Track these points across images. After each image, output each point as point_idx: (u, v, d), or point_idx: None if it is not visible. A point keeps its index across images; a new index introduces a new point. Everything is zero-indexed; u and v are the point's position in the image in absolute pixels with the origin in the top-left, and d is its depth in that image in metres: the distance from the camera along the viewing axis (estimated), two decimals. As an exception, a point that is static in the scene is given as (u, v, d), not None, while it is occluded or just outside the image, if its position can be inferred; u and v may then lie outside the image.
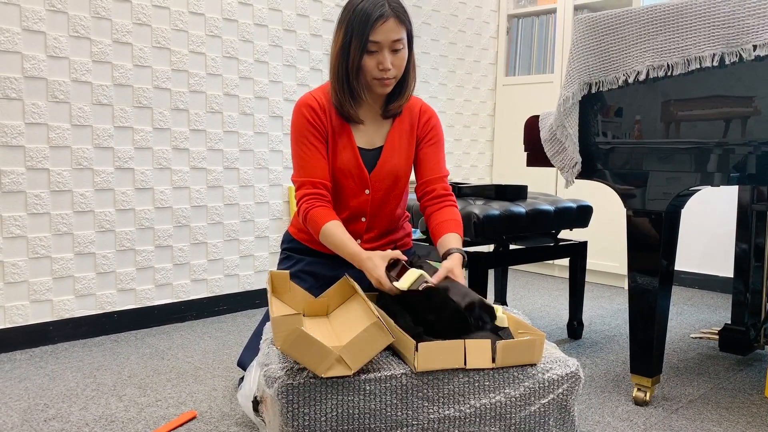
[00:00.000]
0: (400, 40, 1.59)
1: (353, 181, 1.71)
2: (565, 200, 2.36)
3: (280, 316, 1.18)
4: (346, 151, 1.69)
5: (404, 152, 1.76)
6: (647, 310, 1.76)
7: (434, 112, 1.81)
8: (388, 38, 1.57)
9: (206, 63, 2.57)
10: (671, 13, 1.64)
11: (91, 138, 2.30)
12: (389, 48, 1.59)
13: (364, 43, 1.57)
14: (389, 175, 1.74)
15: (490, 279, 3.35)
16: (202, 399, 1.80)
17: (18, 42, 2.12)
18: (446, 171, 1.81)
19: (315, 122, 1.67)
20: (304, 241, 1.82)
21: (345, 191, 1.73)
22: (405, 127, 1.76)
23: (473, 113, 3.75)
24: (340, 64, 1.62)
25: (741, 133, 1.56)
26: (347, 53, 1.60)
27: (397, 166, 1.74)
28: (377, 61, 1.60)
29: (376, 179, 1.73)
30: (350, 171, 1.70)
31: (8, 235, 2.15)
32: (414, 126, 1.77)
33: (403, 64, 1.64)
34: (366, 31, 1.56)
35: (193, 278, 2.61)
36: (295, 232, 1.84)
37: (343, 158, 1.69)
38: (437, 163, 1.79)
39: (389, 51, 1.59)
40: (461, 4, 3.62)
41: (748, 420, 1.71)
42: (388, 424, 1.22)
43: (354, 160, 1.69)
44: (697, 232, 3.32)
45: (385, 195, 1.76)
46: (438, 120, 1.81)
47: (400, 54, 1.61)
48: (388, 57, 1.59)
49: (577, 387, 1.31)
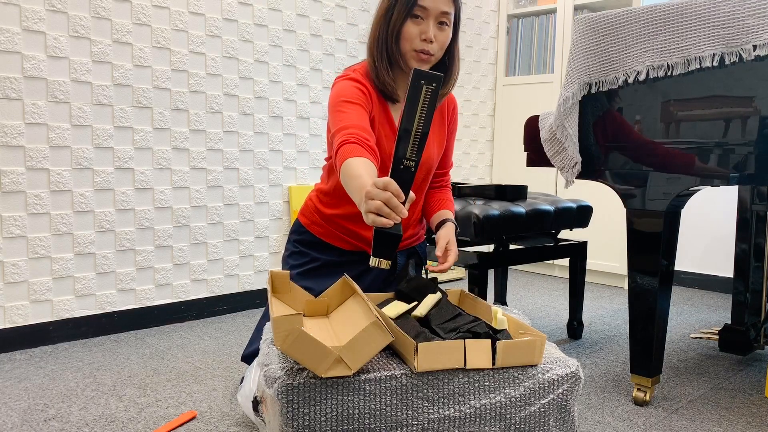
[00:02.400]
0: (448, 14, 1.53)
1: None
2: (565, 200, 2.36)
3: (280, 317, 1.18)
4: (388, 139, 1.62)
5: (437, 142, 1.71)
6: (647, 310, 1.76)
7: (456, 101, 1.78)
8: (438, 7, 1.51)
9: (206, 63, 2.57)
10: (671, 13, 1.64)
11: (91, 138, 2.30)
12: (435, 19, 1.53)
13: (411, 5, 1.51)
14: (425, 165, 1.68)
15: (490, 279, 3.35)
16: (202, 399, 1.80)
17: (18, 42, 2.12)
18: (451, 164, 1.82)
19: (363, 90, 1.57)
20: (319, 234, 1.74)
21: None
22: (438, 115, 1.71)
23: (473, 113, 3.75)
24: (381, 28, 1.55)
25: (741, 133, 1.56)
26: (390, 15, 1.53)
27: (432, 156, 1.69)
28: (420, 29, 1.53)
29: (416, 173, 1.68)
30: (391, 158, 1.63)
31: (8, 235, 2.15)
32: (445, 115, 1.73)
33: (446, 43, 1.56)
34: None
35: (193, 278, 2.61)
36: (308, 223, 1.76)
37: (385, 145, 1.61)
38: (447, 158, 1.80)
39: (435, 22, 1.53)
40: (461, 4, 3.62)
41: (748, 420, 1.71)
42: (388, 424, 1.22)
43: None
44: (697, 232, 3.32)
45: (419, 186, 1.71)
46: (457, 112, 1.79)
47: (445, 30, 1.54)
48: (432, 27, 1.53)
49: (577, 387, 1.31)
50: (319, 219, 1.75)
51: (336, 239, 1.73)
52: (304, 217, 1.79)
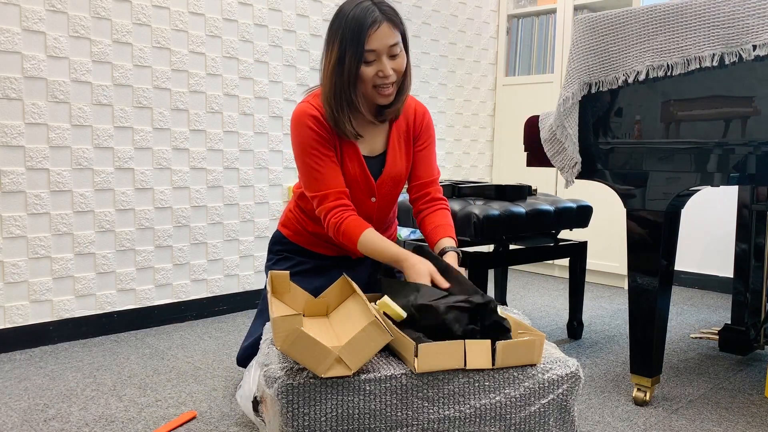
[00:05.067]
0: (396, 44, 1.55)
1: (360, 191, 1.69)
2: (565, 200, 2.36)
3: (280, 317, 1.18)
4: (352, 162, 1.66)
5: (404, 155, 1.75)
6: (647, 310, 1.76)
7: (426, 109, 1.79)
8: (385, 44, 1.53)
9: (206, 63, 2.57)
10: (671, 13, 1.64)
11: (91, 138, 2.30)
12: (387, 54, 1.54)
13: (360, 54, 1.52)
14: (393, 181, 1.73)
15: (490, 279, 3.35)
16: (202, 399, 1.80)
17: (18, 42, 2.12)
18: (438, 172, 1.80)
19: (320, 131, 1.61)
20: (303, 244, 1.80)
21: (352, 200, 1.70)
22: (402, 129, 1.74)
23: (473, 113, 3.75)
24: (336, 78, 1.56)
25: (741, 133, 1.56)
26: (342, 67, 1.54)
27: (400, 171, 1.73)
28: (376, 69, 1.55)
29: (382, 186, 1.72)
30: (357, 180, 1.67)
31: (8, 235, 2.15)
32: (410, 127, 1.75)
33: (403, 68, 1.59)
34: (361, 40, 1.51)
35: (193, 278, 2.61)
36: (290, 234, 1.82)
37: (350, 168, 1.66)
38: (430, 165, 1.78)
39: (387, 57, 1.55)
40: (461, 4, 3.62)
41: (748, 420, 1.71)
42: (388, 424, 1.22)
43: (360, 170, 1.67)
44: (697, 232, 3.32)
45: (389, 200, 1.76)
46: (431, 118, 1.79)
47: (399, 58, 1.57)
48: (387, 63, 1.54)
49: (577, 387, 1.31)
50: (303, 230, 1.81)
51: (320, 247, 1.80)
52: (286, 229, 1.84)
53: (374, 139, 1.71)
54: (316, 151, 1.61)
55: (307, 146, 1.61)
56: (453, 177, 3.66)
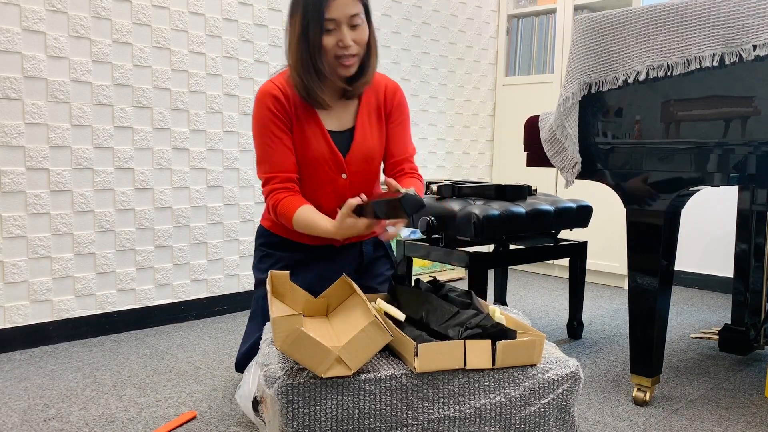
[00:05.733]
0: (357, 14, 1.57)
1: (328, 167, 1.69)
2: (565, 200, 2.36)
3: (281, 317, 1.18)
4: (316, 138, 1.67)
5: (376, 131, 1.75)
6: (647, 310, 1.76)
7: (399, 87, 1.80)
8: (345, 13, 1.55)
9: (206, 63, 2.57)
10: (671, 13, 1.64)
11: (91, 138, 2.30)
12: (347, 24, 1.57)
13: (321, 23, 1.55)
14: (365, 157, 1.73)
15: (490, 279, 3.35)
16: (202, 399, 1.80)
17: (18, 42, 2.12)
18: (413, 149, 1.81)
19: (279, 112, 1.65)
20: (284, 234, 1.79)
21: (321, 178, 1.70)
22: (373, 106, 1.75)
23: (473, 113, 3.75)
24: (303, 50, 1.59)
25: (741, 133, 1.56)
26: (307, 37, 1.58)
27: (371, 146, 1.73)
28: (336, 39, 1.57)
29: (352, 162, 1.72)
30: (324, 157, 1.68)
31: (8, 235, 2.15)
32: (381, 104, 1.76)
33: (365, 40, 1.61)
34: (321, 10, 1.54)
35: (192, 278, 2.61)
36: (271, 225, 1.82)
37: (315, 145, 1.67)
38: (404, 143, 1.80)
39: (348, 27, 1.57)
40: (461, 4, 3.62)
41: (748, 420, 1.71)
42: (388, 424, 1.22)
43: (326, 146, 1.68)
44: (697, 232, 3.32)
45: (362, 177, 1.75)
46: (404, 96, 1.80)
47: (360, 29, 1.59)
48: (347, 33, 1.57)
49: (577, 387, 1.31)
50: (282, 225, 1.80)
51: (301, 236, 1.79)
52: (267, 221, 1.84)
53: (343, 113, 1.72)
54: (269, 131, 1.65)
55: (262, 125, 1.65)
56: (453, 177, 3.66)
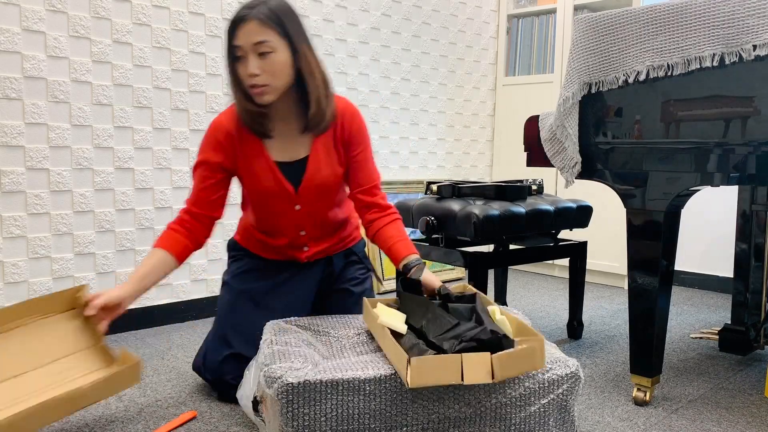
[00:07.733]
0: (264, 42, 1.49)
1: (280, 199, 1.67)
2: (565, 200, 2.36)
3: None
4: (264, 172, 1.65)
5: (334, 160, 1.69)
6: (647, 310, 1.76)
7: (356, 109, 1.72)
8: (248, 41, 1.49)
9: (206, 63, 2.57)
10: (671, 13, 1.64)
11: (91, 138, 2.30)
12: (253, 52, 1.51)
13: (230, 50, 1.54)
14: (319, 188, 1.68)
15: (490, 279, 3.35)
16: (202, 399, 1.80)
17: (18, 42, 2.12)
18: (378, 176, 1.75)
19: (225, 145, 1.64)
20: (252, 249, 1.83)
21: (275, 210, 1.70)
22: (329, 134, 1.68)
23: (473, 113, 3.76)
24: (231, 78, 1.59)
25: (741, 133, 1.56)
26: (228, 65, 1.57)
27: (326, 177, 1.67)
28: (245, 67, 1.53)
29: (305, 194, 1.68)
30: (273, 191, 1.65)
31: (8, 235, 2.15)
32: (338, 131, 1.68)
33: (276, 69, 1.52)
34: (231, 37, 1.53)
35: (193, 278, 2.61)
36: (241, 240, 1.86)
37: (263, 179, 1.65)
38: (370, 171, 1.73)
39: (254, 55, 1.51)
40: (461, 4, 3.62)
41: (748, 420, 1.71)
42: (388, 424, 1.22)
43: (273, 180, 1.65)
44: (697, 232, 3.32)
45: (319, 207, 1.72)
46: (362, 119, 1.71)
47: (270, 57, 1.51)
48: (252, 62, 1.51)
49: (577, 387, 1.31)
50: (251, 236, 1.83)
51: (268, 252, 1.82)
52: (240, 236, 1.87)
53: (294, 144, 1.67)
54: (207, 164, 1.66)
55: (203, 153, 1.67)
56: (453, 177, 3.66)
